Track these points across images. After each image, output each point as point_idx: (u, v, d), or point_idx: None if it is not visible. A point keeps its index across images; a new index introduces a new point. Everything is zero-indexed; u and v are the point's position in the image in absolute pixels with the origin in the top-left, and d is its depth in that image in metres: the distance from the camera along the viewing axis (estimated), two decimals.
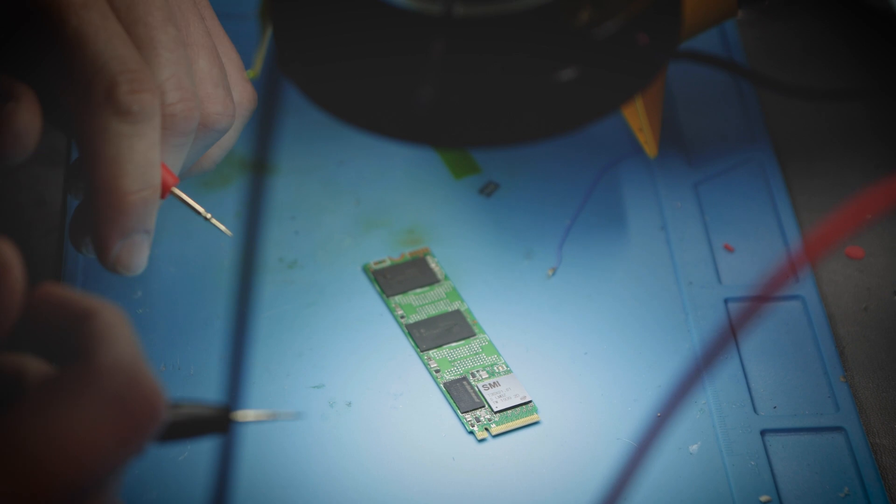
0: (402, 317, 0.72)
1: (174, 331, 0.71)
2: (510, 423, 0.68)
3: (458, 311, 0.72)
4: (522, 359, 0.70)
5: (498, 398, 0.68)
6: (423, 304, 0.72)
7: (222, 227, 0.66)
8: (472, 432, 0.67)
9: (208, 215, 0.65)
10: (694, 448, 0.67)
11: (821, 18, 0.87)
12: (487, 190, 0.78)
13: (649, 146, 0.75)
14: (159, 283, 0.72)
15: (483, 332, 0.71)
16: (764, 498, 0.65)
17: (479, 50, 0.46)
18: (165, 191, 0.62)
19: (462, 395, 0.68)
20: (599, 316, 0.72)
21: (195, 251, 0.74)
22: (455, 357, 0.70)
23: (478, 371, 0.70)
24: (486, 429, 0.67)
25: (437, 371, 0.69)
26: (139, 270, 0.63)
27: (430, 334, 0.71)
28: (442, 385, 0.69)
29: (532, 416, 0.68)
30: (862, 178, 0.79)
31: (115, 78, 0.59)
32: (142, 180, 0.60)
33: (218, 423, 0.48)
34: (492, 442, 0.67)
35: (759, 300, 0.43)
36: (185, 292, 0.72)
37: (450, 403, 0.68)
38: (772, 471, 0.66)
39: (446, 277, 0.73)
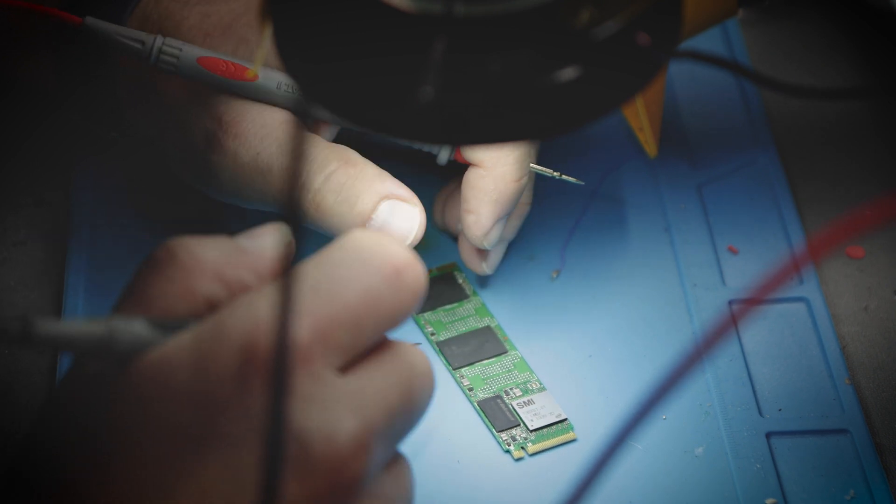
0: (433, 334, 0.71)
1: None
2: (546, 442, 0.67)
3: (488, 328, 0.71)
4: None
5: (533, 416, 0.68)
6: (453, 320, 0.72)
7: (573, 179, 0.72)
8: (508, 451, 0.67)
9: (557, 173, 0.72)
10: (699, 451, 0.67)
11: (822, 17, 0.87)
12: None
13: (649, 146, 0.75)
14: None
15: (515, 349, 0.71)
16: (770, 501, 0.65)
17: (480, 49, 0.45)
18: None
19: (497, 414, 0.68)
20: (604, 318, 0.72)
21: None
22: (488, 375, 0.70)
23: (511, 389, 0.69)
24: (523, 448, 0.67)
25: (471, 389, 0.69)
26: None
27: (461, 352, 0.71)
28: (476, 403, 0.69)
29: (568, 435, 0.68)
30: (865, 177, 0.79)
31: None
32: (523, 169, 0.69)
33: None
34: (529, 461, 0.67)
35: (761, 295, 0.43)
36: None
37: (484, 422, 0.68)
38: (777, 473, 0.66)
39: (474, 293, 0.73)
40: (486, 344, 0.71)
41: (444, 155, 0.69)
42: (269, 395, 0.47)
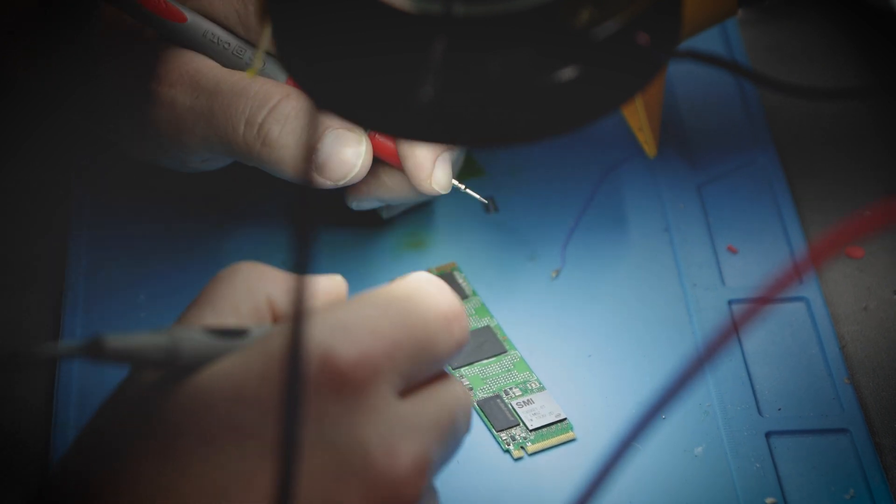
0: None
1: None
2: (546, 442, 0.67)
3: (487, 328, 0.72)
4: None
5: (533, 416, 0.68)
6: None
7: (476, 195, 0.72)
8: (507, 451, 0.67)
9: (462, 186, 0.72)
10: (699, 450, 0.67)
11: (822, 17, 0.87)
12: (490, 208, 0.77)
13: (649, 146, 0.75)
14: (161, 286, 0.73)
15: (514, 349, 0.71)
16: (769, 500, 0.65)
17: (479, 49, 0.46)
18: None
19: (496, 414, 0.68)
20: (603, 318, 0.72)
21: (198, 254, 0.74)
22: (487, 374, 0.70)
23: (511, 388, 0.69)
24: (522, 447, 0.67)
25: (470, 389, 0.69)
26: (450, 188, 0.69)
27: None
28: (475, 403, 0.69)
29: (567, 434, 0.68)
30: (865, 177, 0.79)
31: None
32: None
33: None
34: (528, 460, 0.67)
35: (763, 300, 0.43)
36: (188, 296, 0.72)
37: (484, 422, 0.68)
38: (777, 473, 0.66)
39: (474, 293, 0.73)
40: (485, 343, 0.71)
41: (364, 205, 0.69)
42: (341, 407, 0.48)
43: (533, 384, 0.69)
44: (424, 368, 0.53)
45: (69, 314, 0.71)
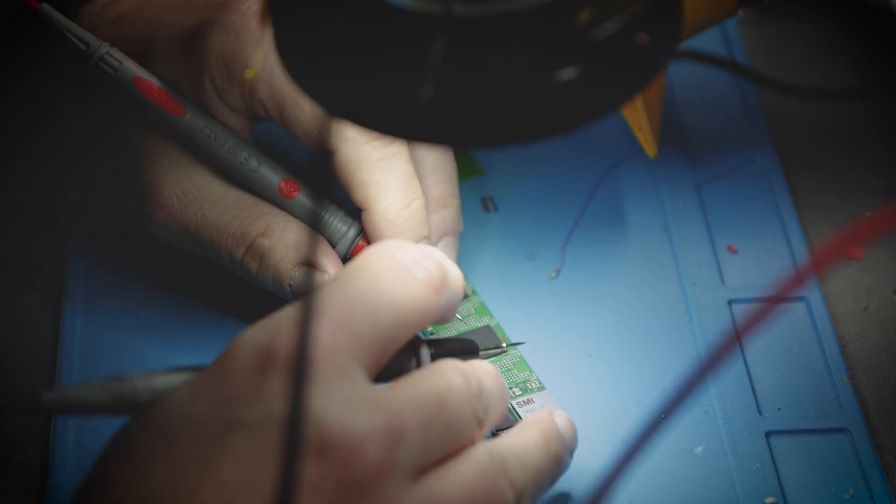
0: (432, 333, 0.71)
1: (177, 335, 0.71)
2: None
3: (487, 327, 0.71)
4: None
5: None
6: (453, 319, 0.72)
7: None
8: None
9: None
10: (699, 450, 0.67)
11: (821, 17, 0.87)
12: (489, 207, 0.77)
13: (649, 146, 0.75)
14: (161, 287, 0.73)
15: (514, 349, 0.71)
16: (769, 500, 0.65)
17: (480, 49, 0.46)
18: None
19: None
20: (603, 317, 0.72)
21: (197, 257, 0.74)
22: None
23: (511, 388, 0.69)
24: None
25: None
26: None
27: None
28: None
29: None
30: (864, 177, 0.79)
31: None
32: (410, 193, 0.67)
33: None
34: None
35: (765, 307, 0.44)
36: (188, 296, 0.72)
37: None
38: (777, 472, 0.66)
39: (474, 292, 0.73)
40: (485, 343, 0.71)
41: (342, 248, 0.69)
42: (287, 386, 0.49)
43: (533, 384, 0.69)
44: (393, 328, 0.55)
45: (69, 314, 0.71)
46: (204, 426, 0.51)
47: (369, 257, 0.56)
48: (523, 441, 0.58)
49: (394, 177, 0.67)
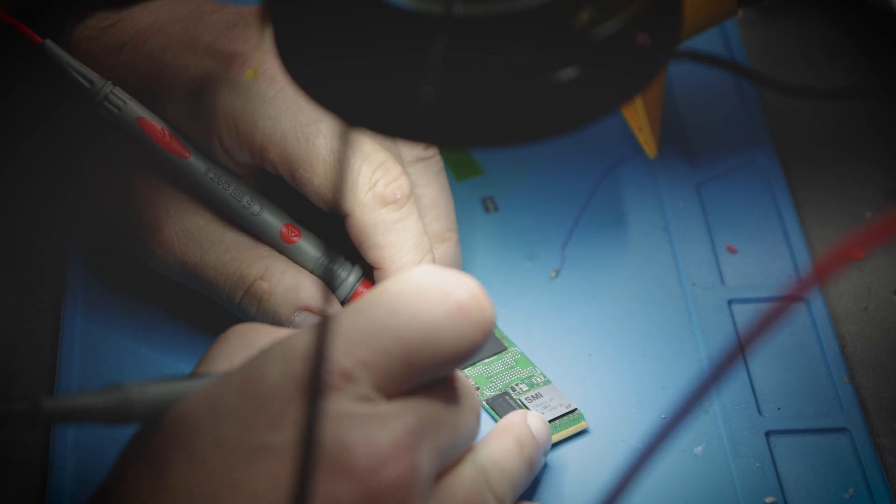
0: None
1: (177, 337, 0.71)
2: (560, 433, 0.67)
3: None
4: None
5: (544, 409, 0.68)
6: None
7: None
8: None
9: None
10: (699, 450, 0.67)
11: (821, 17, 0.87)
12: (489, 207, 0.77)
13: (649, 146, 0.75)
14: (162, 287, 0.73)
15: (514, 346, 0.71)
16: (769, 499, 0.65)
17: (480, 49, 0.46)
18: None
19: (507, 410, 0.68)
20: (603, 317, 0.72)
21: None
22: (491, 373, 0.70)
23: (517, 384, 0.69)
24: None
25: (477, 388, 0.69)
26: None
27: None
28: (484, 402, 0.68)
29: (580, 424, 0.67)
30: (864, 177, 0.79)
31: (372, 177, 0.67)
32: (422, 251, 0.68)
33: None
34: None
35: (769, 317, 0.44)
36: (188, 296, 0.72)
37: (494, 419, 0.68)
38: (777, 472, 0.66)
39: None
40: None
41: (342, 293, 0.69)
42: (306, 410, 0.50)
43: (538, 378, 0.69)
44: (428, 365, 0.55)
45: (69, 316, 0.71)
46: (233, 452, 0.52)
47: (418, 287, 0.56)
48: (500, 450, 0.60)
49: (406, 237, 0.67)
